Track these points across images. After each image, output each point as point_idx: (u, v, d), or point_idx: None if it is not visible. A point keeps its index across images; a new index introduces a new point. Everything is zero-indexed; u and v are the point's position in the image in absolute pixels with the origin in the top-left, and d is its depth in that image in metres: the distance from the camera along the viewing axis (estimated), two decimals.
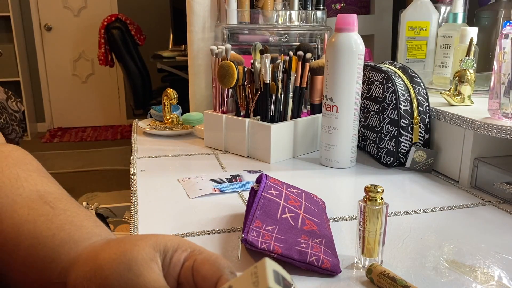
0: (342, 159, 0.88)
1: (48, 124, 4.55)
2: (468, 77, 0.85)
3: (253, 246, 0.52)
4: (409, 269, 0.53)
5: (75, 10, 4.35)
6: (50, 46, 4.38)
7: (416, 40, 1.08)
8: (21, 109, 2.53)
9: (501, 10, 1.01)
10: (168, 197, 0.74)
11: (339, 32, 0.83)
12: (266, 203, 0.59)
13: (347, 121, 0.85)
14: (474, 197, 0.76)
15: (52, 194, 0.42)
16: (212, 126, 1.00)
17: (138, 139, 1.08)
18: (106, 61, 3.48)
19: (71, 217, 0.39)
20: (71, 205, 0.41)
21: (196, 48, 1.19)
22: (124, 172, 3.22)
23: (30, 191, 0.41)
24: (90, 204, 1.69)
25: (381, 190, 0.51)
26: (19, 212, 0.39)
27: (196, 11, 1.16)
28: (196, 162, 0.93)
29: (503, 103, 0.72)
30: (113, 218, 1.86)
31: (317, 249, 0.53)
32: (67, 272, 0.36)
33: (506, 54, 0.71)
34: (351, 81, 0.83)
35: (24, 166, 0.45)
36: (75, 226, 0.38)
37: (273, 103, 0.92)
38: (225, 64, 0.91)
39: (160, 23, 4.23)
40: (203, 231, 0.62)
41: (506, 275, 0.52)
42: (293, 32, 1.19)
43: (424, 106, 0.86)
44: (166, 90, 1.13)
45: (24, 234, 0.38)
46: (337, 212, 0.69)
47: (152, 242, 0.34)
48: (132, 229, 0.63)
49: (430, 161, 0.86)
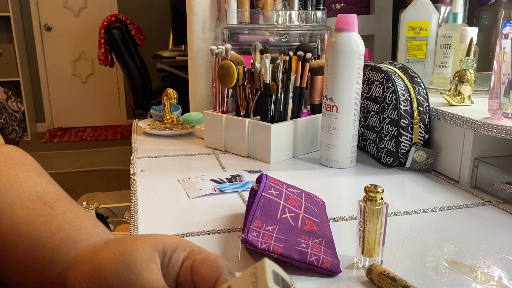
0: (342, 159, 0.88)
1: (48, 124, 4.55)
2: (468, 77, 0.85)
3: (253, 246, 0.52)
4: (409, 269, 0.53)
5: (75, 10, 4.35)
6: (50, 46, 4.38)
7: (416, 40, 1.08)
8: (21, 109, 2.54)
9: (501, 10, 1.01)
10: (168, 197, 0.74)
11: (339, 32, 0.83)
12: (266, 203, 0.59)
13: (347, 121, 0.85)
14: (474, 197, 0.76)
15: (51, 194, 0.42)
16: (212, 126, 1.00)
17: (138, 139, 1.08)
18: (106, 61, 3.48)
19: (70, 217, 0.39)
20: (71, 206, 0.41)
21: (196, 48, 1.19)
22: (124, 172, 3.22)
23: (29, 191, 0.42)
24: (90, 204, 1.69)
25: (381, 190, 0.51)
26: (18, 212, 0.39)
27: (196, 11, 1.16)
28: (196, 162, 0.93)
29: (503, 103, 0.72)
30: (113, 218, 1.86)
31: (317, 249, 0.53)
32: (66, 272, 0.36)
33: (506, 54, 0.71)
34: (351, 81, 0.83)
35: (23, 167, 0.45)
36: (74, 227, 0.38)
37: (273, 103, 0.92)
38: (225, 64, 0.91)
39: (160, 23, 4.23)
40: (203, 231, 0.62)
41: (506, 275, 0.52)
42: (293, 32, 1.19)
43: (424, 106, 0.86)
44: (166, 90, 1.13)
45: (24, 235, 0.38)
46: (337, 212, 0.69)
47: (151, 242, 0.34)
48: (132, 229, 0.63)
49: (430, 161, 0.86)
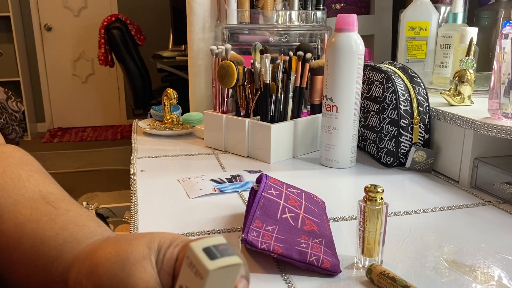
0: (342, 159, 0.88)
1: (48, 124, 4.55)
2: (468, 77, 0.85)
3: (253, 246, 0.52)
4: (409, 269, 0.53)
5: (75, 10, 4.35)
6: (50, 46, 4.38)
7: (416, 40, 1.08)
8: (21, 109, 2.54)
9: (501, 10, 1.01)
10: (168, 197, 0.74)
11: (339, 32, 0.83)
12: (266, 203, 0.59)
13: (347, 121, 0.85)
14: (474, 197, 0.76)
15: (54, 194, 0.42)
16: (212, 126, 1.00)
17: (138, 139, 1.08)
18: (106, 61, 3.48)
19: (74, 217, 0.40)
20: (74, 206, 0.42)
21: (196, 48, 1.19)
22: (124, 172, 3.22)
23: (32, 191, 0.42)
24: (90, 204, 1.69)
25: (381, 190, 0.51)
26: (21, 212, 0.39)
27: (196, 11, 1.16)
28: (196, 162, 0.93)
29: (503, 103, 0.72)
30: (113, 218, 1.86)
31: (317, 249, 0.53)
32: (68, 270, 0.36)
33: (506, 54, 0.71)
34: (351, 81, 0.83)
35: (26, 166, 0.45)
36: (78, 226, 0.39)
37: (273, 103, 0.92)
38: (225, 64, 0.91)
39: (160, 23, 4.23)
40: (203, 231, 0.62)
41: (506, 275, 0.52)
42: (293, 32, 1.20)
43: (424, 106, 0.86)
44: (166, 90, 1.13)
45: (27, 234, 0.38)
46: (337, 212, 0.69)
47: (147, 240, 0.35)
48: (132, 229, 0.63)
49: (430, 161, 0.86)
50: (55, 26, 4.34)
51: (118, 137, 4.29)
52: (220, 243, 0.28)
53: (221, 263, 0.27)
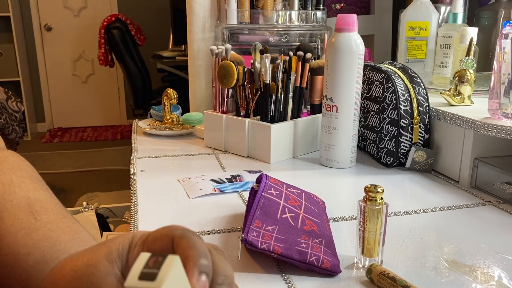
0: (342, 159, 0.88)
1: (48, 124, 4.55)
2: (468, 77, 0.85)
3: (253, 246, 0.52)
4: (409, 269, 0.53)
5: (75, 10, 4.34)
6: (50, 46, 4.38)
7: (416, 40, 1.08)
8: (21, 109, 2.54)
9: (501, 10, 1.01)
10: (168, 197, 0.74)
11: (339, 32, 0.83)
12: (266, 203, 0.59)
13: (347, 121, 0.85)
14: (474, 197, 0.76)
15: (41, 202, 0.42)
16: (212, 126, 1.00)
17: (138, 139, 1.08)
18: (106, 61, 3.48)
19: (50, 231, 0.39)
20: (55, 216, 0.41)
21: (196, 48, 1.19)
22: (124, 172, 3.22)
23: (21, 197, 0.42)
24: (90, 204, 1.69)
25: (381, 190, 0.51)
26: (5, 220, 0.39)
27: (196, 11, 1.16)
28: (196, 162, 0.93)
29: (503, 103, 0.72)
30: (113, 218, 1.85)
31: (317, 249, 0.53)
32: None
33: (506, 54, 0.71)
34: (351, 81, 0.83)
35: (19, 172, 0.45)
36: (50, 243, 0.38)
37: (273, 103, 0.92)
38: (225, 64, 0.91)
39: (160, 23, 4.23)
40: (203, 231, 0.62)
41: (506, 275, 0.52)
42: (293, 32, 1.20)
43: (424, 106, 0.86)
44: (166, 90, 1.13)
45: (4, 249, 0.38)
46: (337, 212, 0.69)
47: (105, 254, 0.34)
48: (132, 229, 0.63)
49: (430, 161, 0.86)
50: (55, 26, 4.34)
51: (118, 137, 4.29)
52: (146, 261, 0.28)
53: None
